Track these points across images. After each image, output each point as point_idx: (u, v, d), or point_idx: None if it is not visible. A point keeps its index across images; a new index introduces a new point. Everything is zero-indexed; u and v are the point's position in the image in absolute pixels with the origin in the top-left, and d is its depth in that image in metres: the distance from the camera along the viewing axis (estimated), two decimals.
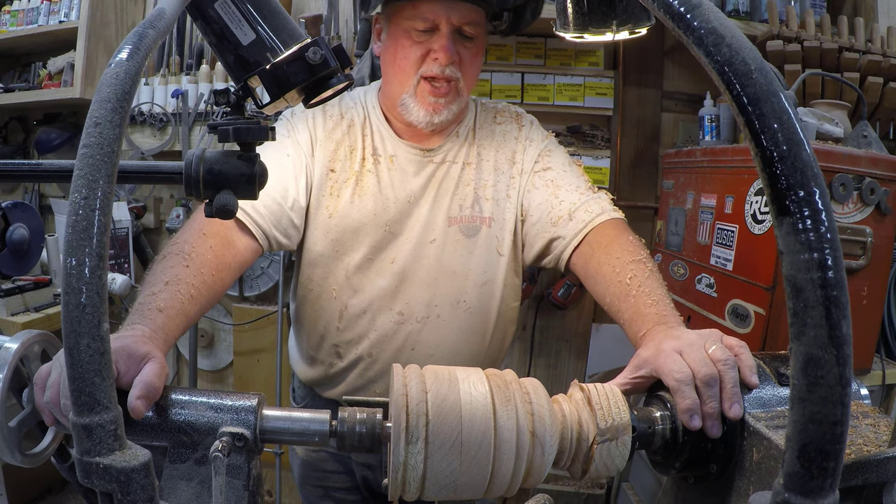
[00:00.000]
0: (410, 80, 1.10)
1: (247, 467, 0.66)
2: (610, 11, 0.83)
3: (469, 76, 1.12)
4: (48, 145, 2.69)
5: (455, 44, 1.08)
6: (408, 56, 1.09)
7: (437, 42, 1.07)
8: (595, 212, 1.12)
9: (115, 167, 0.43)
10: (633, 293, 0.94)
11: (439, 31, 1.07)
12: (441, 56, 1.06)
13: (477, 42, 1.12)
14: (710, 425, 0.68)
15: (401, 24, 1.09)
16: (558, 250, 1.15)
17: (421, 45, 1.08)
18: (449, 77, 1.08)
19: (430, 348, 1.18)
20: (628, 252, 1.03)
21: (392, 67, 1.12)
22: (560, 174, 1.19)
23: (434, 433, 0.61)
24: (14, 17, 2.66)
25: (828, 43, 1.85)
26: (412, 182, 1.17)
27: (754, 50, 0.40)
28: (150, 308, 0.81)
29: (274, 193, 1.10)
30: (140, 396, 0.64)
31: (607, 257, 1.04)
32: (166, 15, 0.51)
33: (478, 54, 1.13)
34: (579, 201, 1.14)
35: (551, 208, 1.16)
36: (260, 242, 1.08)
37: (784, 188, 0.37)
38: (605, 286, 1.02)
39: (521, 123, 1.25)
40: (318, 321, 1.21)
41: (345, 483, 1.33)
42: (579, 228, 1.12)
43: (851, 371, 0.36)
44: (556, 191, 1.17)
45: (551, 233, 1.15)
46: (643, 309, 0.90)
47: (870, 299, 1.53)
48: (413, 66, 1.09)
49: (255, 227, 1.07)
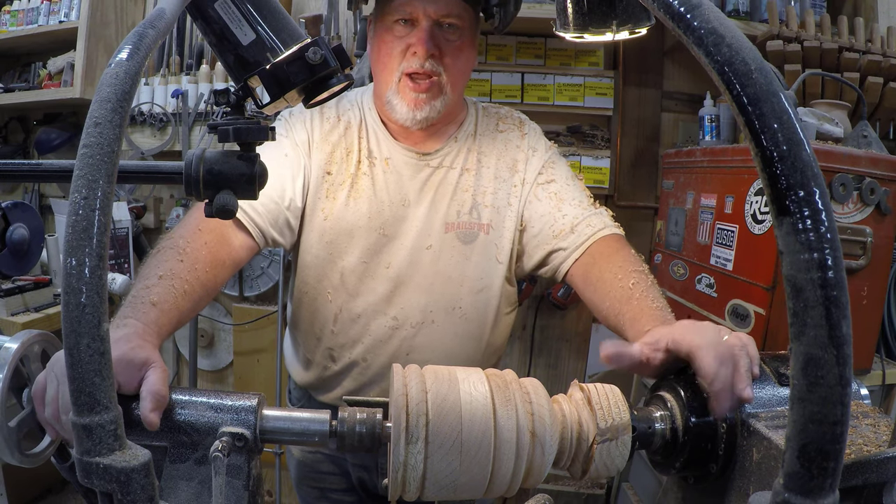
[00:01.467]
0: (393, 76, 1.09)
1: (247, 467, 0.66)
2: (610, 11, 0.83)
3: (453, 72, 1.10)
4: (48, 145, 2.69)
5: (434, 37, 1.06)
6: (390, 52, 1.08)
7: (415, 35, 1.06)
8: (597, 226, 1.13)
9: (115, 167, 0.43)
10: (637, 296, 0.95)
11: (418, 24, 1.06)
12: (419, 49, 1.05)
13: (462, 37, 1.10)
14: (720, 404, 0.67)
15: (384, 22, 1.09)
16: (558, 261, 1.15)
17: (401, 41, 1.07)
18: (429, 72, 1.07)
19: (425, 354, 1.17)
20: (630, 262, 1.04)
21: (377, 65, 1.12)
22: (563, 187, 1.19)
23: (434, 433, 0.61)
24: (14, 17, 2.66)
25: (828, 43, 1.85)
26: (407, 185, 1.16)
27: (754, 50, 0.40)
28: (144, 302, 0.81)
29: (271, 192, 1.09)
30: (153, 409, 0.64)
31: (609, 265, 1.05)
32: (166, 15, 0.51)
33: (463, 49, 1.11)
34: (581, 216, 1.14)
35: (554, 221, 1.16)
36: (256, 240, 1.08)
37: (784, 188, 0.37)
38: (605, 291, 1.02)
39: (523, 131, 1.25)
40: (314, 324, 1.20)
41: (341, 484, 1.33)
42: (581, 241, 1.12)
43: (851, 371, 0.36)
44: (559, 204, 1.17)
45: (552, 244, 1.15)
46: (647, 310, 0.91)
47: (870, 299, 1.53)
48: (395, 62, 1.08)
49: (251, 226, 1.07)
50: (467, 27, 1.11)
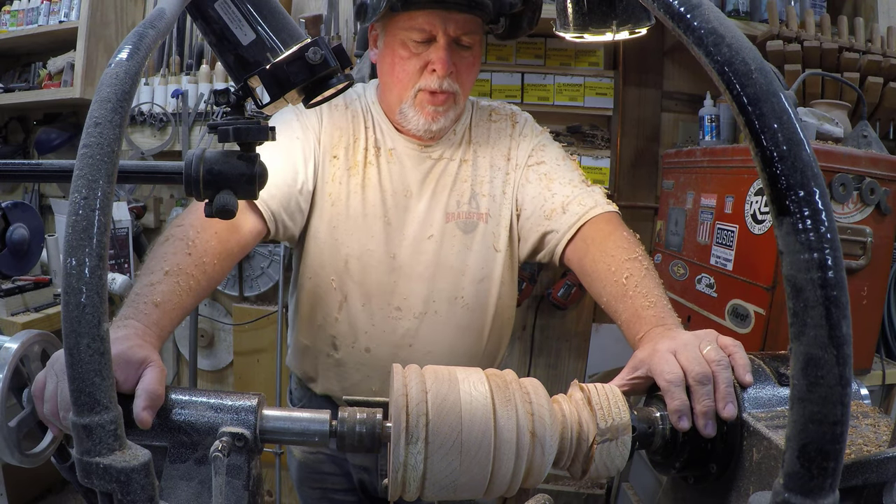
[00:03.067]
0: (409, 91, 1.10)
1: (247, 467, 0.66)
2: (610, 11, 0.83)
3: (466, 85, 1.13)
4: (48, 145, 2.69)
5: (452, 55, 1.08)
6: (406, 69, 1.09)
7: (434, 54, 1.07)
8: (588, 205, 1.12)
9: (115, 167, 0.43)
10: (630, 293, 0.94)
11: (436, 42, 1.07)
12: (439, 68, 1.07)
13: (474, 51, 1.12)
14: (704, 424, 0.68)
15: (397, 35, 1.09)
16: (552, 244, 1.15)
17: (419, 58, 1.08)
18: (447, 90, 1.09)
19: (428, 345, 1.18)
20: (623, 249, 1.02)
21: (390, 78, 1.13)
22: (553, 167, 1.19)
23: (434, 433, 0.61)
24: (14, 17, 2.65)
25: (828, 43, 1.85)
26: (410, 175, 1.18)
27: (754, 50, 0.40)
28: (146, 302, 0.80)
29: (284, 175, 1.10)
30: (146, 407, 0.64)
31: (602, 255, 1.04)
32: (166, 15, 0.51)
33: (475, 63, 1.14)
34: (572, 194, 1.14)
35: (544, 201, 1.16)
36: (267, 224, 1.07)
37: (784, 188, 0.37)
38: (601, 285, 1.01)
39: (515, 121, 1.26)
40: (317, 310, 1.20)
41: (342, 485, 1.33)
42: (572, 222, 1.12)
43: (851, 371, 0.36)
44: (549, 184, 1.17)
45: (545, 226, 1.15)
46: (640, 311, 0.90)
47: (870, 299, 1.53)
48: (412, 79, 1.09)
49: (265, 208, 1.06)
50: (478, 41, 1.13)
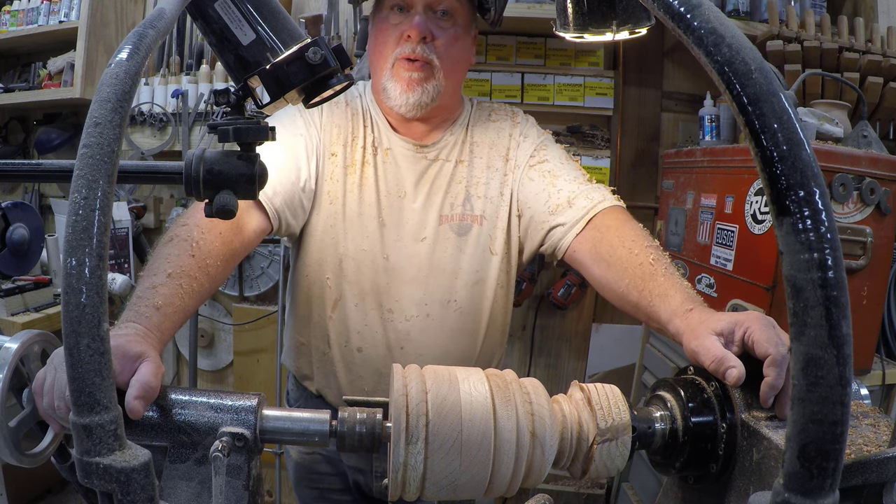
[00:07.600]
0: (387, 62, 1.11)
1: (247, 467, 0.66)
2: (610, 11, 0.83)
3: (447, 60, 1.11)
4: (48, 145, 2.69)
5: (428, 21, 1.08)
6: (385, 41, 1.10)
7: (408, 21, 1.08)
8: (596, 199, 1.10)
9: (115, 167, 0.43)
10: (662, 273, 0.92)
11: (413, 9, 1.09)
12: (413, 33, 1.07)
13: (456, 26, 1.11)
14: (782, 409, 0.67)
15: (381, 13, 1.12)
16: (557, 237, 1.12)
17: (396, 28, 1.09)
18: (421, 56, 1.08)
19: (420, 348, 1.17)
20: (642, 237, 1.01)
21: (374, 55, 1.14)
22: (557, 165, 1.18)
23: (434, 433, 0.61)
24: (14, 17, 2.65)
25: (828, 43, 1.85)
26: (405, 176, 1.17)
27: (754, 50, 0.40)
28: (148, 305, 0.80)
29: (288, 172, 1.10)
30: (138, 396, 0.63)
31: (621, 240, 1.02)
32: (166, 15, 0.51)
33: (457, 39, 1.12)
34: (578, 190, 1.12)
35: (549, 197, 1.14)
36: (271, 221, 1.07)
37: (784, 188, 0.37)
38: (621, 267, 0.99)
39: (515, 121, 1.25)
40: (313, 308, 1.20)
41: (338, 485, 1.33)
42: (581, 215, 1.09)
43: (851, 371, 0.36)
44: (553, 180, 1.15)
45: (550, 221, 1.13)
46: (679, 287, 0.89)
47: (870, 299, 1.53)
48: (389, 49, 1.10)
49: (269, 205, 1.06)
50: (461, 17, 1.12)
